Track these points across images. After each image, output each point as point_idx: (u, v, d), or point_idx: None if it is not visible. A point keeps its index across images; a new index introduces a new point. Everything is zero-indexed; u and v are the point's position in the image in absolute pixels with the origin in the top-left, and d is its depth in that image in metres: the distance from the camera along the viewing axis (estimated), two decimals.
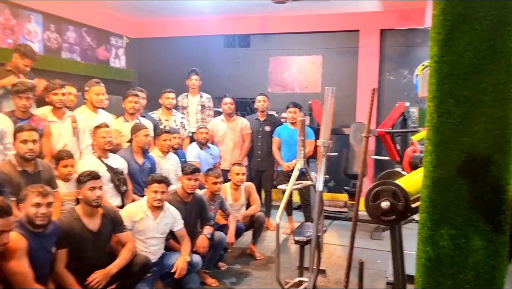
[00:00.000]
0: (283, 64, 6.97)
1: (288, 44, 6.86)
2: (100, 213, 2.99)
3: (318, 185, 2.60)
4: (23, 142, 3.03)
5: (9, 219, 2.19)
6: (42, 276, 2.55)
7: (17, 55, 4.06)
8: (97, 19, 6.91)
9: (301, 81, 6.86)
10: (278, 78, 6.98)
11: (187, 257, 3.33)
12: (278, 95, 6.75)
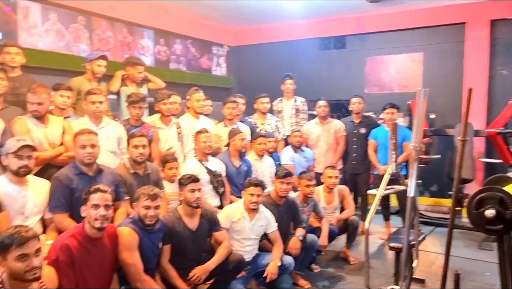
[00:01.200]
0: (381, 64, 6.77)
1: (386, 42, 6.65)
2: (199, 213, 3.24)
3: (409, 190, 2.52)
4: (134, 147, 3.41)
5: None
6: (150, 269, 2.86)
7: (129, 67, 4.58)
8: (200, 30, 7.42)
9: (399, 81, 6.60)
10: (375, 79, 6.80)
11: (278, 262, 3.44)
12: (375, 96, 6.58)
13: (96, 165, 3.14)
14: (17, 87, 3.73)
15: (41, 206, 2.91)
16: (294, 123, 5.62)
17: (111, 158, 3.61)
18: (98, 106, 3.63)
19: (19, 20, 5.03)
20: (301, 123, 5.61)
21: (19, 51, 3.93)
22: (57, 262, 2.31)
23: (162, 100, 4.11)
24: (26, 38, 5.16)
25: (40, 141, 3.31)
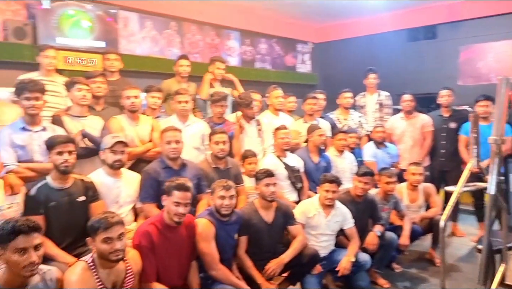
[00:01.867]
0: (477, 53, 6.26)
1: (482, 29, 6.12)
2: (274, 207, 3.33)
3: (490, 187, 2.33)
4: (215, 143, 3.62)
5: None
6: (227, 259, 3.02)
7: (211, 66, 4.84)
8: (285, 29, 7.53)
9: (499, 70, 6.03)
10: (470, 69, 6.30)
11: (351, 257, 3.41)
12: (470, 88, 6.10)
13: (181, 160, 3.40)
14: (116, 90, 4.15)
15: (133, 196, 3.22)
16: (378, 118, 5.46)
17: (195, 154, 3.86)
18: (184, 106, 3.91)
19: (119, 29, 5.58)
20: (385, 118, 5.43)
21: (117, 57, 4.38)
22: (140, 247, 2.56)
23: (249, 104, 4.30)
24: (126, 45, 5.72)
25: (132, 138, 3.66)
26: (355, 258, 3.43)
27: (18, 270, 1.95)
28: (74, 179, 2.87)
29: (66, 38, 5.04)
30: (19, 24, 4.79)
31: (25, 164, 2.96)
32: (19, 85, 3.10)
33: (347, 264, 3.38)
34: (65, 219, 2.75)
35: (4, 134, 2.98)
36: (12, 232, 1.93)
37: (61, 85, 3.82)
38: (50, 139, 2.82)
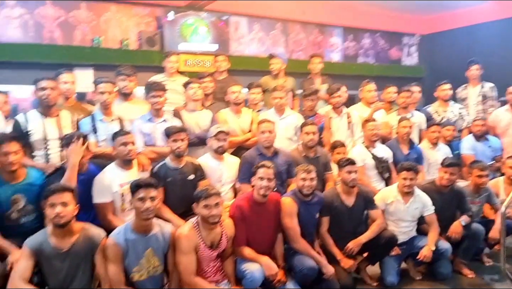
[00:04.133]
0: None
1: None
2: (355, 192, 3.64)
3: None
4: (306, 134, 4.03)
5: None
6: (308, 234, 3.43)
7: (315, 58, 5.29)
8: (390, 22, 7.56)
9: None
10: None
11: (432, 246, 3.54)
12: None
13: (274, 148, 3.91)
14: (224, 87, 4.81)
15: (233, 177, 3.82)
16: (481, 110, 5.29)
17: (287, 143, 4.33)
18: (279, 101, 4.41)
19: (230, 32, 6.31)
20: (489, 111, 5.24)
21: (225, 58, 5.06)
22: (233, 217, 3.14)
23: (332, 94, 4.62)
24: (236, 47, 6.44)
25: (234, 129, 4.28)
26: (436, 246, 3.57)
27: (139, 214, 2.67)
28: (186, 161, 3.56)
29: (187, 44, 5.91)
30: (150, 34, 5.80)
31: (150, 147, 3.76)
32: (147, 86, 3.92)
33: (428, 252, 3.53)
34: (178, 192, 3.44)
35: (136, 124, 3.81)
36: (136, 185, 2.69)
37: (181, 84, 4.59)
38: (168, 129, 3.55)
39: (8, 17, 5.18)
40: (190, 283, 2.79)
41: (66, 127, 3.47)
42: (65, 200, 2.52)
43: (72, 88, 4.03)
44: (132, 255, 2.70)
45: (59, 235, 2.58)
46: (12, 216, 2.93)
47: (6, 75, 5.01)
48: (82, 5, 5.58)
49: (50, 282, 2.56)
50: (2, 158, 2.82)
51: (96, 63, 5.44)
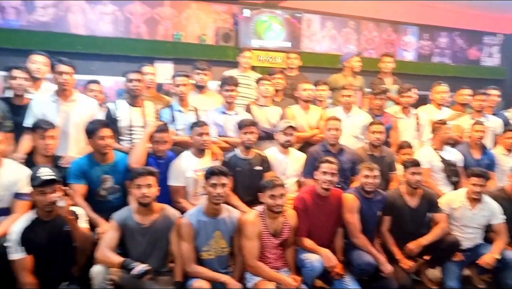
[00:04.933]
0: None
1: None
2: (419, 193, 3.65)
3: None
4: (372, 133, 4.08)
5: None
6: (369, 231, 3.50)
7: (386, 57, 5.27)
8: (469, 21, 7.23)
9: None
10: None
11: (496, 254, 3.45)
12: None
13: (339, 145, 4.02)
14: (294, 84, 4.96)
15: (297, 171, 3.99)
16: None
17: (353, 141, 4.40)
18: (347, 99, 4.49)
19: (303, 30, 6.43)
20: None
21: (297, 56, 5.21)
22: (296, 208, 3.31)
23: (401, 94, 4.61)
24: (308, 44, 6.55)
25: (302, 125, 4.43)
26: (501, 255, 3.48)
27: (210, 198, 2.95)
28: (254, 153, 3.79)
29: (260, 40, 6.14)
30: (226, 31, 6.09)
31: (222, 138, 4.02)
32: (222, 80, 4.19)
33: (490, 260, 3.46)
34: (246, 181, 3.67)
35: (210, 116, 4.09)
36: (210, 172, 2.97)
37: (253, 80, 4.80)
38: (240, 122, 3.79)
39: (102, 13, 5.73)
40: (253, 266, 3.01)
41: (149, 116, 3.82)
42: (149, 182, 2.84)
43: (154, 80, 4.42)
44: (202, 235, 2.98)
45: (142, 213, 2.91)
46: (101, 193, 3.32)
47: (97, 66, 5.55)
48: (166, 2, 6.00)
49: (131, 254, 2.87)
50: (98, 141, 3.21)
51: (175, 57, 5.84)
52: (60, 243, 2.79)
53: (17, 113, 3.53)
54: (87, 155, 3.32)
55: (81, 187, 3.23)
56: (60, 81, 3.47)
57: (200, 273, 2.89)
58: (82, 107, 3.61)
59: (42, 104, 3.49)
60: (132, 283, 2.75)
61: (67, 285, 2.83)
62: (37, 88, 3.87)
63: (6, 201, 2.98)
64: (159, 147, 3.49)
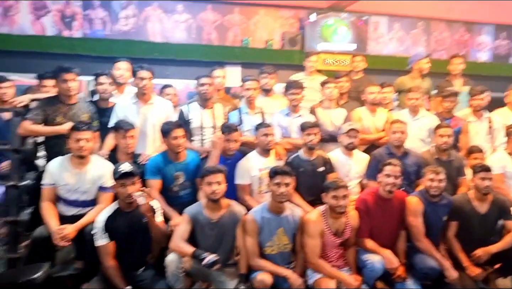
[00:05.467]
0: None
1: None
2: (489, 199, 3.52)
3: None
4: (440, 136, 3.98)
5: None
6: (432, 235, 3.45)
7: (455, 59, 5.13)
8: None
9: None
10: None
11: None
12: None
13: (404, 148, 3.99)
14: (359, 87, 4.99)
15: (360, 173, 4.01)
16: None
17: (419, 144, 4.33)
18: (413, 102, 4.43)
19: (369, 32, 6.41)
20: None
21: (362, 59, 5.22)
22: (358, 209, 3.36)
23: (474, 96, 4.45)
24: (374, 46, 6.51)
25: (368, 127, 4.44)
26: None
27: (274, 197, 3.10)
28: (317, 154, 3.88)
29: (326, 43, 6.21)
30: (292, 35, 6.24)
31: (286, 139, 4.16)
32: (287, 84, 4.33)
33: None
34: (308, 182, 3.76)
35: (275, 118, 4.24)
36: (274, 171, 3.12)
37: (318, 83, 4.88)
38: (303, 124, 3.90)
39: (176, 21, 6.15)
40: (314, 264, 3.12)
41: (219, 117, 4.07)
42: (219, 179, 3.06)
43: (223, 83, 4.67)
44: (266, 231, 3.13)
45: (211, 208, 3.13)
46: (174, 189, 3.61)
47: (171, 70, 5.95)
48: (235, 9, 6.28)
49: (201, 246, 3.07)
50: (172, 140, 3.50)
51: (243, 61, 6.09)
52: (138, 233, 3.09)
53: (103, 115, 3.93)
54: (162, 153, 3.63)
55: (156, 182, 3.54)
56: (140, 86, 3.82)
57: (263, 266, 3.05)
58: (159, 109, 3.94)
59: (124, 107, 3.87)
60: (201, 272, 2.99)
61: (143, 270, 3.12)
62: (121, 92, 4.28)
63: (92, 193, 3.35)
64: (229, 145, 3.69)
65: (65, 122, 3.54)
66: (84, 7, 5.92)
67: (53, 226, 3.10)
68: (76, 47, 5.71)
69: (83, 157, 3.27)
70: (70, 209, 3.34)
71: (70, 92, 3.62)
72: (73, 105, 3.68)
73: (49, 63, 5.17)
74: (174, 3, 6.14)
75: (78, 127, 3.24)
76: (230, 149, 3.69)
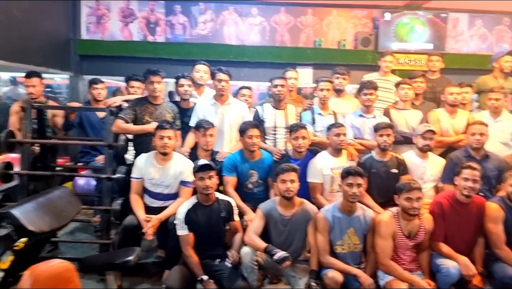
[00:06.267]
0: None
1: None
2: None
3: None
4: None
5: None
6: None
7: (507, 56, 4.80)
8: None
9: None
10: None
11: None
12: None
13: (484, 151, 3.83)
14: (435, 87, 4.85)
15: (435, 176, 3.90)
16: None
17: (501, 148, 4.12)
18: (494, 103, 4.23)
19: (448, 30, 6.16)
20: None
21: (439, 58, 5.05)
22: (433, 213, 3.30)
23: None
24: (453, 45, 6.25)
25: (447, 129, 4.30)
26: None
27: (346, 196, 3.15)
28: (391, 155, 3.85)
29: (401, 43, 6.08)
30: (365, 35, 6.19)
31: (359, 140, 4.18)
32: (361, 84, 4.34)
33: None
34: (381, 183, 3.74)
35: (348, 118, 4.27)
36: (347, 172, 3.18)
37: (393, 83, 4.81)
38: (376, 125, 3.87)
39: (251, 24, 6.37)
40: (385, 265, 3.12)
41: (291, 118, 4.19)
42: (293, 178, 3.18)
43: (296, 84, 4.78)
44: (337, 230, 3.20)
45: (285, 205, 3.26)
46: (248, 186, 3.80)
47: (246, 72, 6.18)
48: (308, 10, 6.36)
49: (274, 241, 3.21)
50: (247, 139, 3.69)
51: (316, 62, 6.16)
52: (216, 226, 3.31)
53: (184, 114, 4.21)
54: (239, 152, 3.83)
55: (232, 178, 3.75)
56: (219, 88, 4.05)
57: (334, 264, 3.12)
58: (235, 110, 4.15)
59: (203, 107, 4.12)
60: (273, 266, 3.13)
61: (219, 261, 3.32)
62: (201, 93, 4.56)
63: (174, 187, 3.63)
64: (298, 142, 3.76)
65: (152, 121, 3.87)
66: (167, 14, 6.34)
67: (141, 216, 3.42)
68: (159, 51, 6.14)
69: (166, 154, 3.56)
70: (154, 201, 3.65)
71: (155, 93, 3.94)
72: (159, 105, 4.00)
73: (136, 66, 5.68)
74: (249, 7, 6.36)
75: (162, 126, 3.53)
76: (300, 146, 3.77)
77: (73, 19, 6.28)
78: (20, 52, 4.93)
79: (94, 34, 6.38)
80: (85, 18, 6.36)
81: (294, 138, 3.78)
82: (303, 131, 3.77)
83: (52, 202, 2.02)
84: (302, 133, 3.76)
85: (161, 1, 6.33)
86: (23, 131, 3.76)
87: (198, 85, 4.49)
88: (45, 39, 5.63)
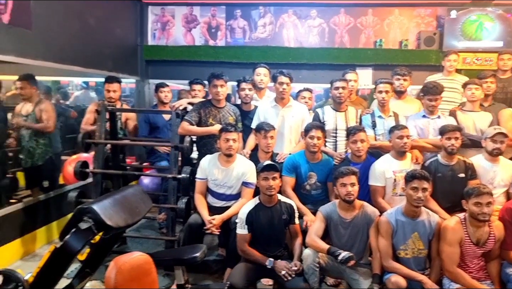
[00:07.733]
0: None
1: None
2: None
3: None
4: None
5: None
6: None
7: None
8: None
9: None
10: None
11: None
12: None
13: None
14: (505, 87, 4.60)
15: (506, 181, 3.70)
16: None
17: None
18: None
19: None
20: None
21: (511, 56, 4.77)
22: (503, 220, 3.15)
23: None
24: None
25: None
26: None
27: (410, 201, 3.09)
28: (458, 159, 3.71)
29: (467, 41, 5.81)
30: (429, 34, 5.98)
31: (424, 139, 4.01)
32: (423, 88, 4.19)
33: None
34: (447, 188, 3.61)
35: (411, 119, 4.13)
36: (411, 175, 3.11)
37: (459, 83, 4.61)
38: (443, 127, 3.76)
39: (310, 26, 6.38)
40: (451, 272, 3.02)
41: (351, 120, 4.15)
42: (353, 181, 3.18)
43: (355, 86, 4.73)
44: (400, 234, 3.14)
45: (345, 208, 3.26)
46: (306, 187, 3.82)
47: (304, 74, 6.19)
48: (369, 11, 6.27)
49: (334, 244, 3.22)
50: (309, 139, 3.72)
51: (376, 63, 6.04)
52: (277, 227, 3.35)
53: (245, 117, 4.32)
54: (300, 152, 3.88)
55: (290, 179, 3.80)
56: (280, 90, 4.11)
57: (397, 269, 3.07)
58: (296, 112, 4.19)
59: (264, 110, 4.20)
60: (335, 268, 3.15)
61: None
62: (262, 96, 4.64)
63: (236, 188, 3.74)
64: (357, 146, 3.72)
65: (215, 124, 4.01)
66: (227, 18, 6.51)
67: (205, 215, 3.56)
68: (220, 55, 6.32)
69: (230, 155, 3.68)
70: (217, 201, 3.79)
71: (219, 96, 4.08)
72: (222, 108, 4.14)
73: (197, 70, 5.89)
74: (308, 9, 6.37)
75: (227, 129, 3.65)
76: (358, 150, 3.72)
77: (140, 26, 6.63)
78: (94, 58, 5.29)
79: (159, 40, 6.69)
80: (151, 25, 6.69)
81: (352, 142, 3.75)
82: (361, 134, 3.73)
83: (126, 199, 2.14)
84: (360, 136, 3.72)
85: (222, 6, 6.51)
86: (98, 132, 4.03)
87: (258, 89, 4.58)
88: (116, 45, 6.00)
